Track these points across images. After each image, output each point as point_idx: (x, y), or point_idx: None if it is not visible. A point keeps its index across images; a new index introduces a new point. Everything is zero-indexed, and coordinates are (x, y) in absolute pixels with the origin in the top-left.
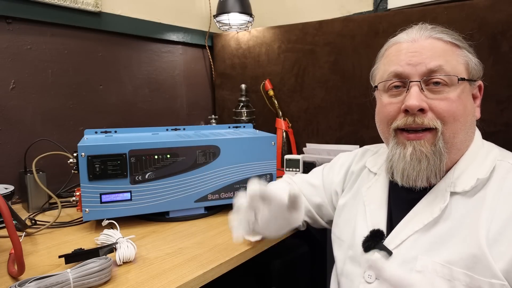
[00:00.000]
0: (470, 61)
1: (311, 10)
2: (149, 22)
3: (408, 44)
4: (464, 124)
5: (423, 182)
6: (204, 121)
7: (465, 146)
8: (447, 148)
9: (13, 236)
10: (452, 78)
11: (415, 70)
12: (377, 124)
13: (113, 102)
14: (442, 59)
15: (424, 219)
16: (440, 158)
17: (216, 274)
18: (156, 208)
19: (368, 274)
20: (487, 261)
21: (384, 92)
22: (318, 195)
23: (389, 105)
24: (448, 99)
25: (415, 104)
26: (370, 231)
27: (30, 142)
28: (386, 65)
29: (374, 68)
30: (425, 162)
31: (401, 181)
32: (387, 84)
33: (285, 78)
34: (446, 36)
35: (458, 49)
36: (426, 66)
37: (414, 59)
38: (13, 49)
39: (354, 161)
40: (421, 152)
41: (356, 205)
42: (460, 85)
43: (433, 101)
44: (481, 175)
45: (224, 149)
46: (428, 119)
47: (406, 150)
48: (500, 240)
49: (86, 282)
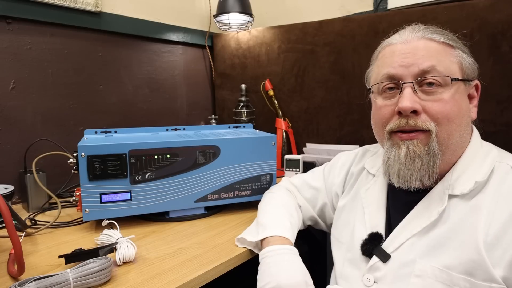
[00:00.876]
0: (464, 60)
1: (311, 10)
2: (149, 22)
3: (401, 46)
4: (459, 125)
5: (417, 183)
6: (204, 121)
7: (461, 147)
8: (442, 149)
9: (13, 236)
10: (445, 78)
11: (408, 72)
12: (373, 127)
13: (113, 102)
14: (434, 59)
15: (422, 222)
16: (434, 160)
17: (216, 274)
18: (156, 208)
19: (366, 278)
20: (486, 266)
21: (378, 95)
22: (321, 198)
23: (383, 107)
24: (442, 100)
25: (407, 106)
26: (369, 234)
27: (30, 142)
28: (379, 67)
29: (368, 70)
30: (419, 163)
31: (398, 182)
32: (380, 86)
33: (285, 78)
34: (438, 36)
35: (452, 49)
36: (418, 67)
37: (407, 61)
38: (13, 49)
39: (355, 162)
40: (415, 153)
41: (355, 207)
42: (454, 85)
43: (427, 102)
44: (480, 177)
45: (224, 149)
46: (421, 121)
47: (400, 151)
48: (498, 245)
49: (86, 282)
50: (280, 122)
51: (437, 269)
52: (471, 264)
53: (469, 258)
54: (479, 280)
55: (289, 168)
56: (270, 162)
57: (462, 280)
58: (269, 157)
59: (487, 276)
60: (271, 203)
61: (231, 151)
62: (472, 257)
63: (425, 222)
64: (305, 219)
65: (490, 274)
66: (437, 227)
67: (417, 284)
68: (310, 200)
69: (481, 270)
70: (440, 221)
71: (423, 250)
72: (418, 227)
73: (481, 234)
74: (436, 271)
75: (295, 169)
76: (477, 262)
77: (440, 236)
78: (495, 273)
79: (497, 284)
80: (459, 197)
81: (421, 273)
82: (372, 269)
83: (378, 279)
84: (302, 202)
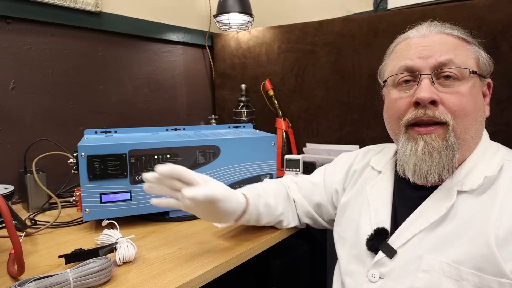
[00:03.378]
0: (481, 56)
1: (311, 10)
2: (149, 22)
3: (418, 39)
4: (474, 120)
5: (435, 178)
6: (204, 121)
7: (475, 143)
8: (459, 143)
9: (13, 236)
10: (463, 71)
11: (426, 63)
12: (386, 121)
13: (113, 102)
14: (452, 52)
15: (430, 218)
16: (453, 153)
17: (216, 274)
18: (156, 208)
19: (372, 273)
20: (496, 261)
21: (393, 87)
22: (318, 193)
23: (399, 99)
24: (459, 93)
25: (426, 96)
26: (375, 229)
27: (30, 142)
28: (395, 60)
29: (382, 65)
30: (437, 156)
31: (413, 177)
32: (397, 78)
33: (285, 78)
34: (455, 32)
35: (468, 44)
36: (436, 59)
37: (425, 53)
38: (13, 49)
39: (356, 160)
40: (433, 147)
41: (360, 204)
42: (471, 79)
43: (444, 94)
44: (489, 173)
45: (224, 149)
46: (439, 112)
47: (417, 145)
48: (510, 240)
49: (86, 282)
50: (280, 122)
51: (445, 264)
52: (480, 259)
53: (479, 253)
54: (489, 275)
55: (289, 168)
56: (270, 162)
57: (471, 275)
58: (269, 157)
59: (497, 271)
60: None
61: (231, 151)
62: (482, 252)
63: (433, 218)
64: (302, 215)
65: (500, 269)
66: (446, 222)
67: (424, 279)
68: (306, 195)
69: (491, 265)
70: (449, 217)
71: (431, 245)
72: (426, 223)
73: (492, 229)
74: (444, 266)
75: (295, 169)
76: (487, 257)
77: (448, 232)
78: (506, 268)
79: (507, 280)
80: (468, 193)
81: (428, 268)
82: (378, 265)
83: (383, 274)
84: (298, 197)
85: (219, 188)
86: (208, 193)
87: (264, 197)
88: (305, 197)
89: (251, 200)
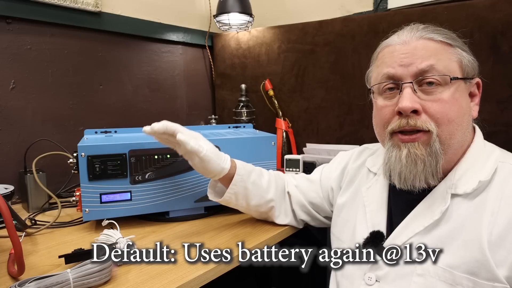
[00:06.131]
0: (464, 58)
1: (311, 10)
2: (149, 22)
3: (399, 46)
4: (460, 125)
5: (422, 184)
6: (204, 121)
7: (463, 146)
8: (444, 149)
9: (13, 236)
10: (444, 77)
11: (407, 71)
12: (374, 127)
13: (113, 102)
14: (433, 58)
15: (424, 222)
16: (436, 159)
17: (216, 274)
18: (156, 208)
19: (368, 276)
20: (489, 266)
21: (378, 95)
22: (314, 190)
23: (384, 108)
24: (441, 100)
25: (407, 105)
26: (370, 232)
27: (30, 142)
28: (379, 68)
29: (368, 71)
30: (421, 164)
31: (399, 183)
32: (380, 86)
33: (285, 78)
34: (437, 36)
35: (450, 47)
36: (417, 67)
37: (406, 60)
38: (13, 49)
39: (352, 159)
40: (416, 155)
41: (356, 206)
42: (454, 84)
43: (426, 102)
44: (483, 177)
45: (224, 149)
46: (422, 121)
47: (401, 152)
48: (502, 245)
49: (86, 282)
50: (280, 122)
51: (439, 268)
52: (474, 263)
53: (472, 257)
54: (483, 280)
55: (289, 168)
56: (270, 162)
57: (465, 279)
58: (269, 157)
59: (490, 276)
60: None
61: (231, 151)
62: (476, 257)
63: (427, 222)
64: (297, 209)
65: (493, 273)
66: (440, 226)
67: (419, 283)
68: (302, 190)
69: (484, 270)
70: (443, 221)
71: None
72: (421, 226)
73: (485, 233)
74: (438, 270)
75: (295, 169)
76: (481, 261)
77: (442, 236)
78: (498, 273)
79: (501, 284)
80: (462, 197)
81: (423, 272)
82: (374, 268)
83: (379, 277)
84: (293, 190)
85: (206, 147)
86: (194, 147)
87: (256, 176)
88: (301, 192)
89: (239, 171)
